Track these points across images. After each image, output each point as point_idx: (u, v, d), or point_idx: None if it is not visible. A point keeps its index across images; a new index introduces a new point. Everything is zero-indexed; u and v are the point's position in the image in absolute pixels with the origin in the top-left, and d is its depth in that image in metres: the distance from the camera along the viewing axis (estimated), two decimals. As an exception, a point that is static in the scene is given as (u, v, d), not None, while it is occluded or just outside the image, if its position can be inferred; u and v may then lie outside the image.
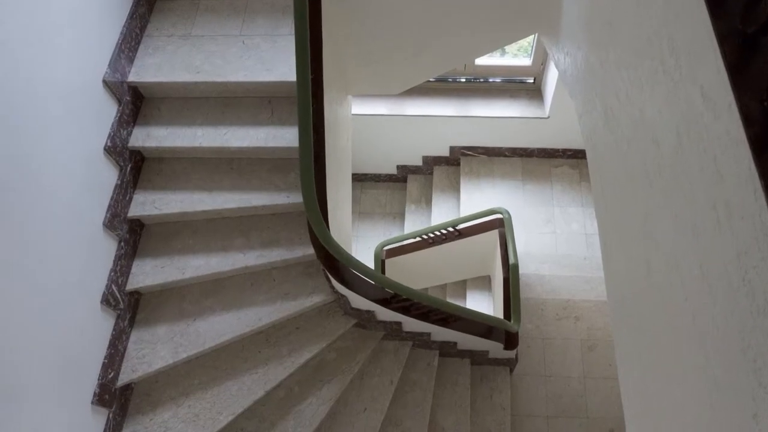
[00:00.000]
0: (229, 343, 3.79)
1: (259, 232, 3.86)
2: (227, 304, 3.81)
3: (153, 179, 3.88)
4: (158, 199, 3.78)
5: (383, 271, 6.15)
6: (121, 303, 3.62)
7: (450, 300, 6.42)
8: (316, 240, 3.22)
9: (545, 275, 5.94)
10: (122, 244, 3.64)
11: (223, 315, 3.77)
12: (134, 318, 3.79)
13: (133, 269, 3.75)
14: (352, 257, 3.23)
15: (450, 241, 5.86)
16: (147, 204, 3.76)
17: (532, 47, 6.26)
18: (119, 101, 3.65)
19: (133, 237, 3.81)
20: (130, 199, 3.76)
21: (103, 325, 3.45)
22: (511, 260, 5.18)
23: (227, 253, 3.79)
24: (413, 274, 6.29)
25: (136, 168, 3.85)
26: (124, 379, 3.54)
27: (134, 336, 3.72)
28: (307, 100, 2.77)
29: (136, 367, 3.59)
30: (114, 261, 3.55)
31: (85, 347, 3.24)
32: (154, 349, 3.66)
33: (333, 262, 3.41)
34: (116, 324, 3.57)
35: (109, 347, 3.47)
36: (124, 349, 3.66)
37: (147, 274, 3.73)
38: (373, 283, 3.66)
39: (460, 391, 4.97)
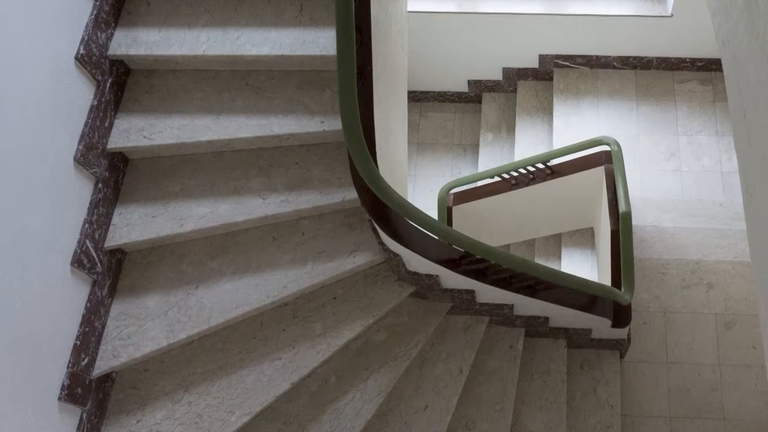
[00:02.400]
0: (244, 319, 3.77)
1: (284, 169, 3.82)
2: (241, 267, 3.77)
3: (141, 99, 3.82)
4: (148, 126, 3.73)
5: (450, 222, 6.13)
6: (99, 265, 3.55)
7: (539, 261, 6.46)
8: (360, 180, 3.21)
9: (667, 228, 5.91)
10: (100, 185, 3.57)
11: (236, 281, 3.74)
12: (116, 285, 3.74)
13: (115, 220, 3.70)
14: (409, 203, 3.20)
15: (539, 182, 5.86)
16: (133, 132, 3.70)
17: None
18: (95, -8, 3.59)
19: (115, 176, 3.74)
20: (111, 125, 3.70)
21: (75, 294, 3.38)
22: (622, 208, 5.09)
23: (241, 198, 3.76)
24: (489, 226, 6.40)
25: (118, 84, 3.78)
26: (102, 367, 3.49)
27: (116, 309, 3.67)
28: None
29: (118, 351, 3.54)
30: (89, 209, 3.48)
31: (49, 324, 3.18)
32: (142, 327, 3.61)
33: (383, 209, 3.41)
34: (92, 293, 3.50)
35: (82, 324, 3.40)
36: (103, 327, 3.60)
37: (133, 226, 3.68)
38: (436, 237, 3.64)
39: (553, 383, 4.93)
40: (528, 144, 6.75)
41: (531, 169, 5.70)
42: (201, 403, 3.62)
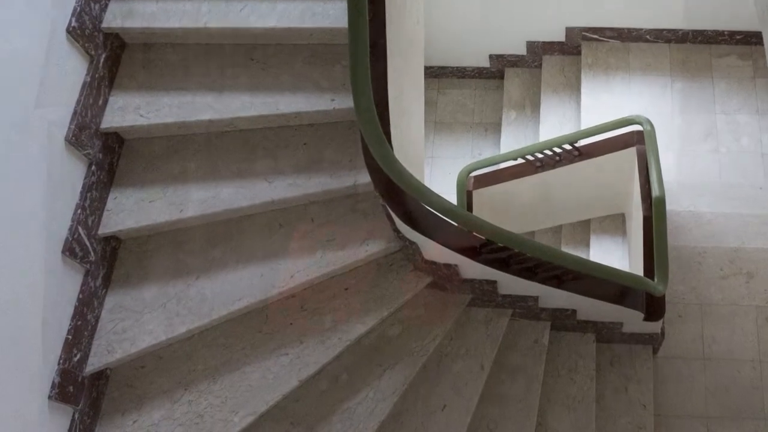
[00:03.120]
0: (248, 312, 3.77)
1: (292, 150, 3.81)
2: (245, 256, 3.77)
3: (137, 75, 3.81)
4: (145, 104, 3.72)
5: (470, 208, 6.12)
6: (92, 253, 3.54)
7: (566, 249, 6.45)
8: (374, 162, 3.16)
9: (704, 213, 5.95)
10: (93, 168, 3.56)
11: (239, 271, 3.73)
12: (110, 275, 3.73)
13: (109, 205, 3.69)
14: (426, 187, 3.17)
15: (566, 164, 5.84)
16: (129, 110, 3.70)
17: None
18: (86, -43, 3.58)
19: (110, 158, 3.73)
20: (105, 103, 3.69)
21: (65, 285, 3.37)
22: (655, 192, 5.08)
23: (245, 182, 3.75)
24: (513, 211, 6.44)
25: (113, 59, 3.76)
26: (96, 363, 3.49)
27: (110, 301, 3.67)
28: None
29: (113, 346, 3.54)
30: (81, 193, 3.47)
31: (38, 317, 3.16)
32: (139, 321, 3.61)
33: (398, 194, 3.41)
34: (84, 283, 3.49)
35: (74, 317, 3.40)
36: (96, 320, 3.60)
37: (129, 211, 3.67)
38: (455, 224, 3.63)
39: (581, 380, 4.93)
40: (553, 123, 6.76)
41: (557, 150, 5.68)
42: (202, 402, 3.61)
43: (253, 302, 3.64)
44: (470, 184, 6.09)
